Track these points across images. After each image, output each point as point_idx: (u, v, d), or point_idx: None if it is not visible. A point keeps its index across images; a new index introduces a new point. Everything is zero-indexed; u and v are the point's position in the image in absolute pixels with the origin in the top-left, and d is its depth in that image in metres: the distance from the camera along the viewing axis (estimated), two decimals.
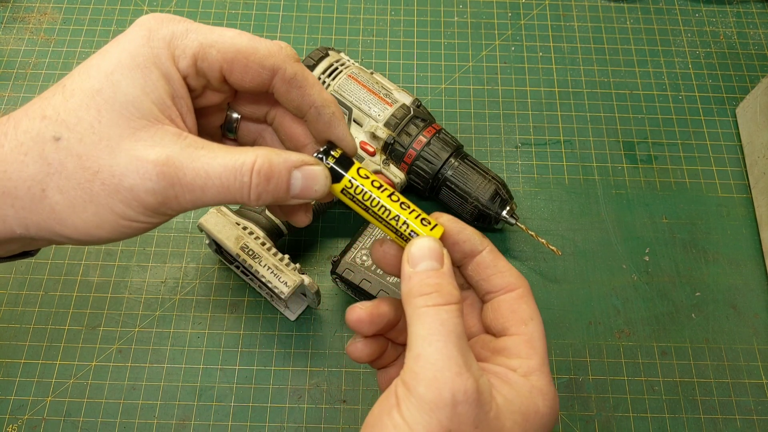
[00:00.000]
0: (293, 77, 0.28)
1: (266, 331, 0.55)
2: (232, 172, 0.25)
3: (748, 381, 0.54)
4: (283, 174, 0.26)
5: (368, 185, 0.29)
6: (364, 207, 0.29)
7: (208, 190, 0.25)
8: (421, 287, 0.26)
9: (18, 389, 0.52)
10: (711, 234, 0.60)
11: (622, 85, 0.68)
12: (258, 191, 0.26)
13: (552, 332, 0.56)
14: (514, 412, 0.25)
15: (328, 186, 0.28)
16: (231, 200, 0.26)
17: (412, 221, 0.28)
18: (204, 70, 0.27)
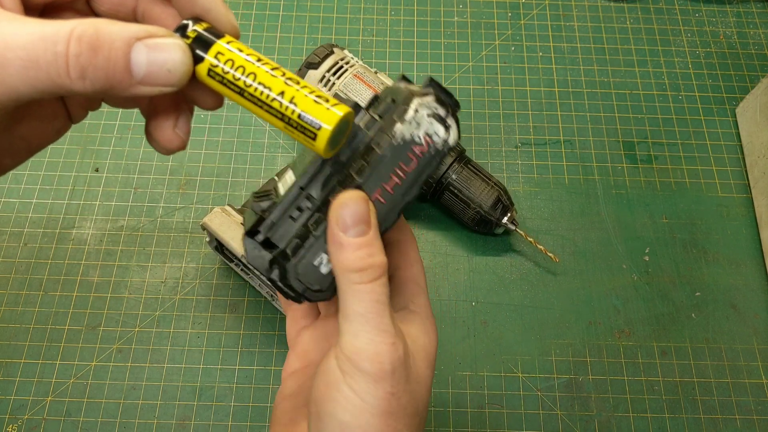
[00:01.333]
0: None
1: (266, 331, 0.55)
2: (42, 40, 0.19)
3: (748, 381, 0.54)
4: (118, 44, 0.20)
5: (240, 59, 0.22)
6: (237, 89, 0.22)
7: (8, 66, 0.19)
8: (356, 261, 0.25)
9: (18, 389, 0.52)
10: (711, 234, 0.60)
11: (622, 85, 0.68)
12: (80, 64, 0.20)
13: (552, 332, 0.56)
14: (419, 350, 0.28)
15: (187, 66, 0.22)
16: (47, 81, 0.20)
17: (301, 100, 0.22)
18: None
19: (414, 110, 0.26)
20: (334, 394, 0.26)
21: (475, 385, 0.54)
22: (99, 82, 0.20)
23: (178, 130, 0.25)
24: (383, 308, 0.26)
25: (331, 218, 0.25)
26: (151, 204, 0.60)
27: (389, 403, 0.26)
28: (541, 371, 0.55)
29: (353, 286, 0.25)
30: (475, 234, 0.60)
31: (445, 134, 0.26)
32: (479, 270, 0.58)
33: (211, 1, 0.23)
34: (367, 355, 0.25)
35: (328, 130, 0.22)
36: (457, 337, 0.56)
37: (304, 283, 0.26)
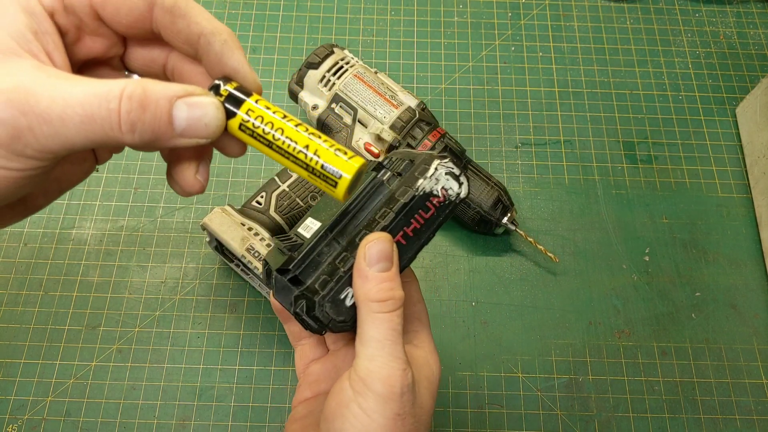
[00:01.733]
0: (174, 5, 0.25)
1: (266, 331, 0.55)
2: (97, 97, 0.21)
3: (748, 381, 0.54)
4: (162, 103, 0.22)
5: (269, 116, 0.25)
6: (266, 143, 0.25)
7: (68, 121, 0.21)
8: (378, 293, 0.28)
9: (18, 389, 0.52)
10: (711, 234, 0.60)
11: (622, 85, 0.68)
12: (131, 120, 0.22)
13: (552, 332, 0.56)
14: (423, 380, 0.30)
15: (221, 120, 0.24)
16: (101, 134, 0.22)
17: (324, 153, 0.24)
18: (72, 4, 0.24)
19: (434, 168, 0.31)
20: (344, 412, 0.28)
21: (475, 385, 0.54)
22: (146, 136, 0.22)
23: (199, 176, 0.27)
24: (398, 337, 0.29)
25: (360, 253, 0.29)
26: (151, 204, 0.60)
27: (395, 424, 0.28)
28: (541, 371, 0.54)
29: (373, 315, 0.28)
30: (475, 234, 0.60)
31: (459, 189, 0.31)
32: (479, 270, 0.58)
33: (239, 62, 0.26)
34: (380, 377, 0.28)
35: (348, 179, 0.25)
36: (457, 337, 0.56)
37: (330, 315, 0.30)
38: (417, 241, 0.31)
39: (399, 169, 0.32)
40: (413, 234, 0.31)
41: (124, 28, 0.26)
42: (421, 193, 0.31)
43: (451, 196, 0.31)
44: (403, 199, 0.30)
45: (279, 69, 0.68)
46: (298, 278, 0.30)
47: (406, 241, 0.31)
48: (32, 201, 0.27)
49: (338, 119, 0.58)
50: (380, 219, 0.31)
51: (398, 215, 0.30)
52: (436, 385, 0.32)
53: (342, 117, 0.57)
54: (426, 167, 0.31)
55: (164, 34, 0.26)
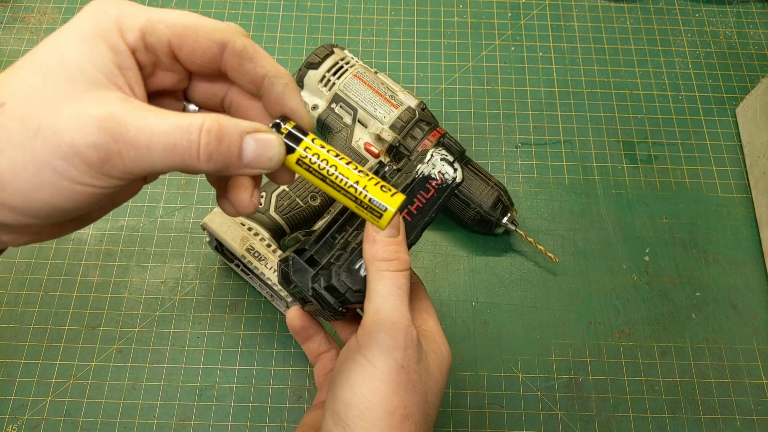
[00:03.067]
0: (243, 49, 0.28)
1: (266, 331, 0.55)
2: (180, 129, 0.24)
3: (748, 381, 0.54)
4: (235, 137, 0.26)
5: (324, 154, 0.28)
6: (321, 177, 0.28)
7: (153, 148, 0.24)
8: (385, 253, 0.31)
9: (18, 389, 0.52)
10: (711, 234, 0.60)
11: (622, 85, 0.68)
12: (208, 151, 0.25)
13: (552, 332, 0.56)
14: (431, 353, 0.32)
15: (282, 155, 0.27)
16: (180, 162, 0.25)
17: (371, 188, 0.28)
18: (153, 44, 0.27)
19: (431, 155, 0.36)
20: (350, 363, 0.30)
21: (475, 385, 0.54)
22: (219, 165, 0.25)
23: (254, 198, 0.30)
24: (403, 294, 0.30)
25: (367, 223, 0.31)
26: (151, 204, 0.60)
27: (398, 374, 0.29)
28: (541, 371, 0.54)
29: (379, 273, 0.30)
30: (475, 234, 0.60)
31: (453, 174, 0.36)
32: (479, 270, 0.58)
33: (297, 104, 0.29)
34: (383, 327, 0.29)
35: (392, 212, 0.28)
36: (457, 337, 0.56)
37: (346, 283, 0.32)
38: (421, 218, 0.34)
39: (398, 166, 0.37)
40: (417, 212, 0.34)
41: (196, 67, 0.28)
42: (420, 176, 0.35)
43: (448, 180, 0.36)
44: (406, 182, 0.35)
45: None
46: (314, 258, 0.34)
47: (410, 218, 0.34)
48: (88, 217, 0.30)
49: (338, 119, 0.58)
50: None
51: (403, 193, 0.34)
52: (445, 364, 0.33)
53: (342, 117, 0.57)
54: (423, 156, 0.36)
55: (231, 74, 0.29)
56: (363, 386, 0.29)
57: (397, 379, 0.29)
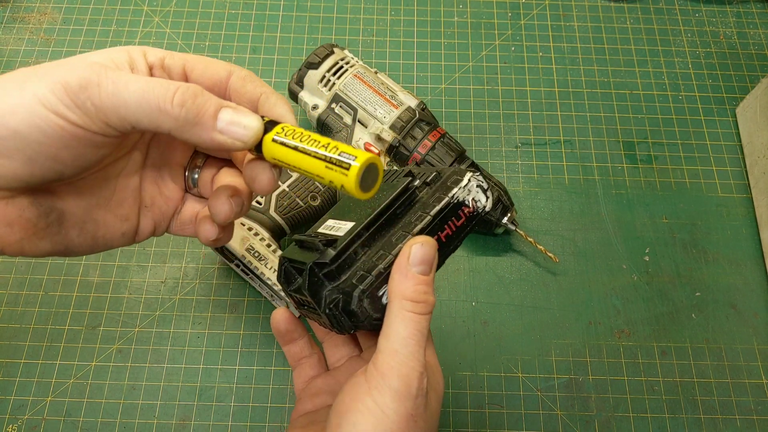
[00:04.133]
0: (247, 75, 0.31)
1: (266, 331, 0.55)
2: (165, 81, 0.27)
3: (748, 381, 0.54)
4: (213, 100, 0.28)
5: (299, 130, 0.28)
6: (293, 146, 0.28)
7: (131, 85, 0.26)
8: (414, 293, 0.29)
9: (18, 389, 0.52)
10: (711, 234, 0.60)
11: (622, 85, 0.68)
12: (182, 97, 0.26)
13: (552, 332, 0.56)
14: (431, 390, 0.31)
15: (258, 129, 0.28)
16: (153, 105, 0.26)
17: (342, 146, 0.27)
18: (169, 66, 0.30)
19: (467, 180, 0.33)
20: (359, 406, 0.28)
21: (475, 385, 0.54)
22: (191, 115, 0.27)
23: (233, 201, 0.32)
24: (423, 340, 0.29)
25: (404, 251, 0.30)
26: None
27: (408, 424, 0.28)
28: (541, 371, 0.54)
29: (404, 312, 0.29)
30: (475, 234, 0.60)
31: (485, 202, 0.33)
32: (479, 270, 0.58)
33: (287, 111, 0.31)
34: (399, 374, 0.28)
35: (358, 166, 0.26)
36: (457, 337, 0.56)
37: (368, 310, 0.30)
38: (447, 247, 0.32)
39: (427, 179, 0.34)
40: (445, 239, 0.32)
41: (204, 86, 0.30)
42: (455, 201, 0.32)
43: (479, 208, 0.33)
44: (439, 205, 0.32)
45: (279, 69, 0.68)
46: (334, 273, 0.31)
47: (439, 245, 0.31)
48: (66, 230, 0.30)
49: (338, 119, 0.58)
50: (417, 222, 0.31)
51: (434, 219, 0.32)
52: (441, 397, 0.33)
53: (342, 117, 0.58)
54: (459, 179, 0.33)
55: (232, 95, 0.31)
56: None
57: (406, 429, 0.28)
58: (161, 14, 0.71)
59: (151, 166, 0.34)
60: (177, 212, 0.35)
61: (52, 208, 0.29)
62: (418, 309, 0.29)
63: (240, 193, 0.32)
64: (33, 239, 0.29)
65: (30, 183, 0.27)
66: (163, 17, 0.70)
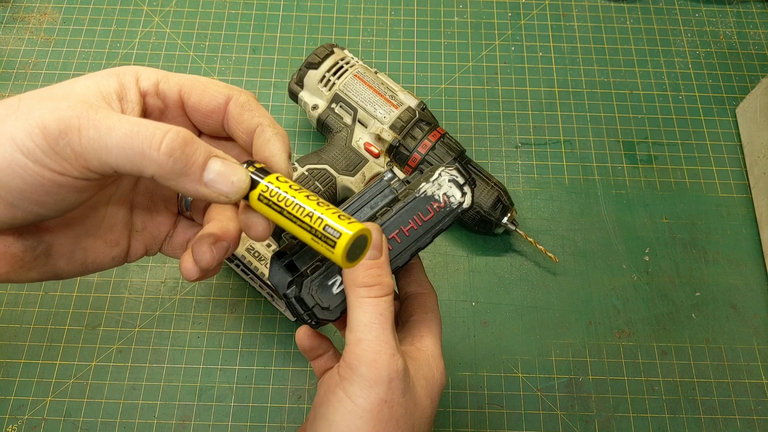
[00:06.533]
0: (246, 102, 0.30)
1: (266, 331, 0.55)
2: (154, 123, 0.25)
3: (748, 381, 0.54)
4: (202, 150, 0.26)
5: (285, 188, 0.27)
6: (279, 209, 0.27)
7: (114, 131, 0.24)
8: (365, 278, 0.29)
9: (18, 389, 0.52)
10: (711, 234, 0.60)
11: (622, 85, 0.68)
12: (170, 145, 0.24)
13: (552, 332, 0.56)
14: (420, 378, 0.31)
15: (245, 184, 0.27)
16: (138, 151, 0.24)
17: (328, 216, 0.26)
18: (164, 91, 0.29)
19: (438, 174, 0.32)
20: (330, 397, 0.28)
21: (475, 385, 0.54)
22: (179, 165, 0.25)
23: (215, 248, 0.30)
24: (386, 322, 0.29)
25: None
26: None
27: (380, 410, 0.27)
28: (541, 371, 0.54)
29: (360, 300, 0.29)
30: (475, 234, 0.60)
31: (461, 198, 0.32)
32: (479, 270, 0.58)
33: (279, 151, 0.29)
34: (365, 360, 0.27)
35: (347, 239, 0.26)
36: (457, 337, 0.56)
37: (315, 299, 0.30)
38: (414, 242, 0.32)
39: (408, 178, 0.34)
40: (409, 234, 0.32)
41: (201, 117, 0.30)
42: (422, 195, 0.32)
43: (453, 204, 0.32)
44: (406, 199, 0.32)
45: (279, 69, 0.68)
46: (294, 263, 0.32)
47: (400, 239, 0.31)
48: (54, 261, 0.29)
49: (338, 119, 0.58)
50: (379, 216, 0.32)
51: (397, 212, 0.32)
52: (436, 390, 0.32)
53: (342, 117, 0.57)
54: (431, 173, 0.32)
55: (230, 123, 0.30)
56: (341, 424, 0.27)
57: (378, 416, 0.27)
58: (161, 14, 0.71)
59: (143, 191, 0.33)
60: (169, 236, 0.34)
61: (39, 242, 0.28)
62: (373, 293, 0.29)
63: (226, 237, 0.31)
64: (20, 271, 0.28)
65: (13, 225, 0.26)
66: (163, 17, 0.70)
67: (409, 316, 0.35)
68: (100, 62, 0.67)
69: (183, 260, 0.31)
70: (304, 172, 0.55)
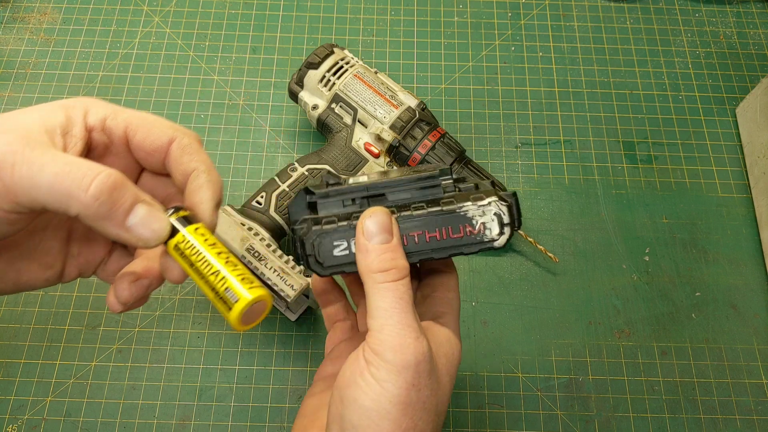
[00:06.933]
0: (188, 145, 0.31)
1: (266, 331, 0.55)
2: (87, 163, 0.26)
3: (748, 381, 0.54)
4: (129, 195, 0.27)
5: (201, 241, 0.29)
6: (189, 263, 0.29)
7: (45, 169, 0.25)
8: (380, 263, 0.29)
9: (18, 389, 0.52)
10: (711, 234, 0.60)
11: (622, 85, 0.68)
12: (100, 186, 0.25)
13: (552, 332, 0.56)
14: (441, 356, 0.31)
15: (165, 232, 0.28)
16: (65, 190, 0.25)
17: (231, 277, 0.28)
18: (111, 127, 0.30)
19: (488, 202, 0.30)
20: (358, 380, 0.28)
21: (475, 385, 0.54)
22: (104, 208, 0.26)
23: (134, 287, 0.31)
24: (406, 306, 0.29)
25: (358, 229, 0.30)
26: None
27: (409, 394, 0.28)
28: (541, 371, 0.55)
29: (377, 286, 0.29)
30: None
31: (497, 235, 0.31)
32: (479, 270, 0.58)
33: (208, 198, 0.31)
34: (391, 346, 0.28)
35: (245, 302, 0.27)
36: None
37: (315, 250, 0.30)
38: (430, 251, 0.31)
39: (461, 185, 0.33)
40: (429, 241, 0.31)
41: (144, 155, 0.31)
42: (461, 213, 0.30)
43: (485, 237, 0.31)
44: (444, 207, 0.31)
45: (279, 69, 0.68)
46: (316, 206, 0.32)
47: (419, 241, 0.31)
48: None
49: (338, 119, 0.58)
50: (413, 209, 0.31)
51: (429, 216, 0.30)
52: (455, 367, 0.32)
53: (342, 117, 0.58)
54: (482, 197, 0.31)
55: (170, 164, 0.31)
56: (372, 410, 0.28)
57: (407, 401, 0.28)
58: (161, 14, 0.71)
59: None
60: (103, 262, 0.34)
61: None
62: (389, 277, 0.29)
63: (147, 275, 0.32)
64: None
65: None
66: (163, 17, 0.70)
67: (432, 291, 0.35)
68: (100, 62, 0.67)
69: (108, 293, 0.32)
70: (304, 172, 0.55)
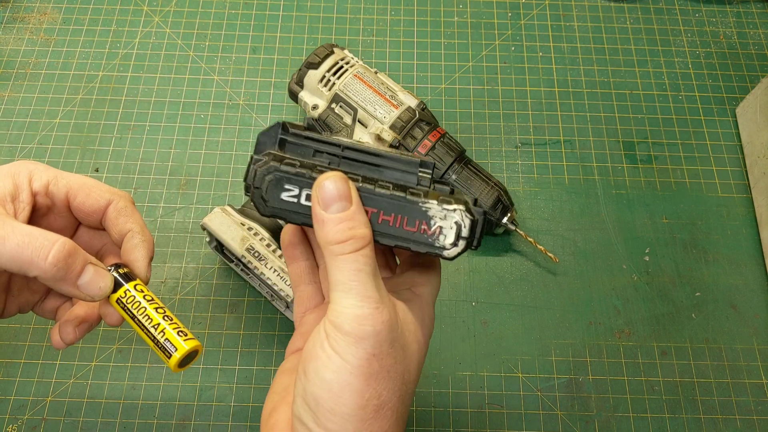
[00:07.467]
0: (123, 208, 0.36)
1: (266, 331, 0.55)
2: (43, 234, 0.30)
3: (748, 381, 0.54)
4: (81, 259, 0.32)
5: (140, 296, 0.34)
6: (131, 315, 0.34)
7: (8, 241, 0.29)
8: (336, 235, 0.27)
9: (18, 389, 0.52)
10: (711, 234, 0.60)
11: (622, 85, 0.68)
12: (58, 255, 0.30)
13: (552, 332, 0.56)
14: (409, 322, 0.30)
15: (109, 289, 0.33)
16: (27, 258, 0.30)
17: (168, 332, 0.33)
18: (53, 192, 0.34)
19: (453, 209, 0.29)
20: (319, 353, 0.28)
21: (475, 385, 0.54)
22: (61, 273, 0.31)
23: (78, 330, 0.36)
24: (366, 277, 0.28)
25: (313, 198, 0.28)
26: (151, 204, 0.60)
27: (370, 364, 0.27)
28: (541, 371, 0.55)
29: (335, 258, 0.28)
30: None
31: (450, 245, 0.29)
32: (479, 270, 0.58)
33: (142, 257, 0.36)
34: (348, 318, 0.27)
35: (182, 352, 0.33)
36: (457, 337, 0.56)
37: (264, 185, 0.29)
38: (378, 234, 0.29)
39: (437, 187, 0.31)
40: (381, 223, 0.29)
41: (83, 215, 0.36)
42: (423, 208, 0.29)
43: (437, 241, 0.29)
44: (408, 195, 0.29)
45: (279, 69, 0.68)
46: (286, 143, 0.31)
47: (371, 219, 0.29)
48: None
49: (338, 119, 0.58)
50: (378, 185, 0.29)
51: (390, 199, 0.29)
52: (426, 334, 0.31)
53: (342, 117, 0.58)
54: (450, 201, 0.29)
55: (107, 223, 0.36)
56: (333, 381, 0.27)
57: (368, 371, 0.27)
58: (161, 14, 0.71)
59: None
60: (41, 300, 0.39)
61: None
62: (347, 248, 0.27)
63: (89, 319, 0.36)
64: None
65: None
66: (163, 17, 0.70)
67: (415, 263, 0.34)
68: (100, 62, 0.67)
69: (53, 333, 0.36)
70: None
